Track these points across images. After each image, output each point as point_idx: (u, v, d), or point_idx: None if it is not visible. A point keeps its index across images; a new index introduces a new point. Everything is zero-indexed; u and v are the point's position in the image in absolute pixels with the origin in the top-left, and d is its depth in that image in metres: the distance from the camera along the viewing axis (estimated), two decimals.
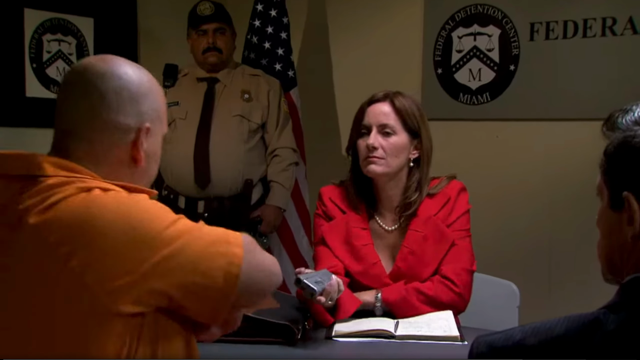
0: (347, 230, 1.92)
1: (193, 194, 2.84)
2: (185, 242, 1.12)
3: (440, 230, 1.89)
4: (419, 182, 1.90)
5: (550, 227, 2.96)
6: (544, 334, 0.97)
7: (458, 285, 1.84)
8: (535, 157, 2.99)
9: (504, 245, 3.03)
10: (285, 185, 2.96)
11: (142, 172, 1.23)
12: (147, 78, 1.23)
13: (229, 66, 2.98)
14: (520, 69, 2.98)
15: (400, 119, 1.87)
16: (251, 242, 1.21)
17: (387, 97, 1.88)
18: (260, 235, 2.94)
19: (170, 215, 1.15)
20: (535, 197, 2.99)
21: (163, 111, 1.26)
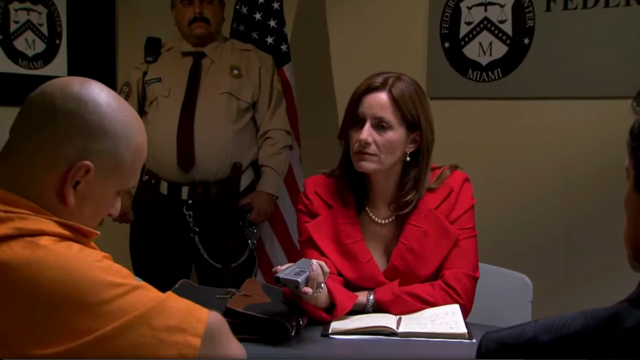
0: (335, 227, 1.91)
1: (176, 179, 2.84)
2: (135, 320, 1.09)
3: (442, 225, 1.88)
4: (417, 179, 1.89)
5: (567, 214, 2.96)
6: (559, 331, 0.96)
7: (461, 296, 1.83)
8: (552, 140, 2.98)
9: (516, 235, 3.04)
10: (278, 170, 2.96)
11: (72, 217, 1.18)
12: (123, 121, 1.19)
13: (217, 39, 2.97)
14: (535, 43, 2.96)
15: (399, 112, 1.84)
16: (217, 328, 1.18)
17: (385, 86, 1.85)
18: (250, 224, 2.95)
19: (126, 282, 1.12)
20: (551, 183, 2.99)
21: (129, 164, 1.21)
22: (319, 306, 1.76)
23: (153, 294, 1.15)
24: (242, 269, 2.95)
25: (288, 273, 1.63)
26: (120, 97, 1.24)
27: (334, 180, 1.96)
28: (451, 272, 1.86)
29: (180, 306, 1.16)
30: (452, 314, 1.75)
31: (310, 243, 1.92)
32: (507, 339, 0.99)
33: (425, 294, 1.83)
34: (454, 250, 1.88)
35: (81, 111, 1.17)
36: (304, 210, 1.98)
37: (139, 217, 2.95)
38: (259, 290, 1.85)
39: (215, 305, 1.70)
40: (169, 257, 2.90)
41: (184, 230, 2.86)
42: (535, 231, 3.01)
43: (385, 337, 1.67)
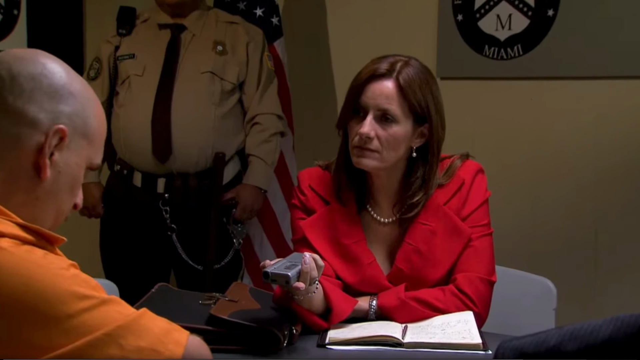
0: (332, 226, 1.92)
1: (151, 169, 2.84)
2: (103, 338, 1.10)
3: (453, 222, 1.89)
4: (425, 179, 1.89)
5: (597, 210, 2.97)
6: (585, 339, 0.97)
7: (476, 302, 1.83)
8: (579, 125, 2.99)
9: (537, 233, 3.05)
10: (267, 161, 2.96)
11: (47, 195, 1.20)
12: (82, 85, 1.25)
13: (199, 8, 2.96)
14: (560, 15, 2.97)
15: (406, 103, 1.83)
16: (197, 353, 1.19)
17: (391, 73, 1.84)
18: (235, 222, 2.95)
19: (94, 294, 1.12)
20: (578, 174, 3.00)
21: (96, 131, 1.25)
22: (314, 310, 1.77)
23: (125, 309, 1.16)
24: (227, 271, 2.95)
25: (277, 267, 1.64)
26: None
27: (331, 174, 1.97)
28: (464, 275, 1.86)
29: (155, 325, 1.17)
30: (465, 322, 1.76)
31: (304, 243, 1.93)
32: (527, 347, 1.00)
33: (434, 300, 1.84)
34: (466, 251, 1.89)
35: (44, 72, 1.20)
36: (299, 205, 1.98)
37: (109, 212, 2.95)
38: (247, 295, 1.85)
39: (197, 312, 1.72)
40: (144, 258, 2.91)
41: (161, 228, 2.87)
42: (560, 229, 3.02)
43: (390, 348, 1.67)
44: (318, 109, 3.48)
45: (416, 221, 1.90)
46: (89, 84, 3.09)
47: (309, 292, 1.72)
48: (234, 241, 2.96)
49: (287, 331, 1.69)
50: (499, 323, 1.90)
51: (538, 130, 3.06)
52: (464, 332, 1.71)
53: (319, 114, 3.45)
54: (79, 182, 1.26)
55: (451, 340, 1.68)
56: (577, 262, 2.99)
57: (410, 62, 1.87)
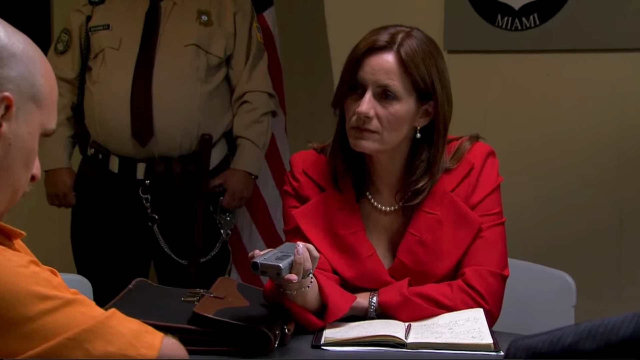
0: (328, 215, 1.93)
1: (130, 153, 2.84)
2: (67, 343, 1.10)
3: (461, 211, 1.89)
4: (430, 162, 1.89)
5: (621, 198, 2.97)
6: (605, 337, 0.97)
7: (486, 299, 1.84)
8: (602, 103, 2.99)
9: (555, 223, 3.05)
10: (258, 143, 2.96)
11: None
12: (24, 43, 1.22)
13: None
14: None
15: (408, 78, 1.83)
16: (173, 357, 1.19)
17: (392, 45, 1.83)
18: (222, 211, 2.96)
19: (57, 294, 1.12)
20: (601, 158, 3.00)
21: (47, 92, 1.23)
22: (308, 307, 1.77)
23: (91, 310, 1.16)
24: (213, 265, 2.95)
25: (268, 258, 1.64)
26: None
27: (327, 158, 1.97)
28: (473, 269, 1.87)
29: (125, 328, 1.17)
30: (475, 320, 1.76)
31: (297, 233, 1.93)
32: (540, 346, 1.00)
33: (440, 296, 1.84)
34: (476, 242, 1.89)
35: None
36: (291, 192, 1.99)
37: (82, 201, 2.95)
38: (234, 291, 1.86)
39: (179, 310, 1.72)
40: (121, 251, 2.91)
41: (140, 218, 2.87)
42: (580, 218, 3.03)
43: (392, 349, 1.67)
44: (312, 87, 3.47)
45: (420, 209, 1.90)
46: (57, 59, 3.08)
47: (303, 287, 1.73)
48: (221, 232, 2.97)
49: (279, 331, 1.69)
50: (512, 322, 1.90)
51: (556, 108, 3.07)
52: (473, 332, 1.71)
53: (314, 91, 3.45)
54: (33, 153, 1.24)
55: (459, 341, 1.69)
56: (599, 254, 3.00)
57: (412, 33, 1.87)
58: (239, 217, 3.15)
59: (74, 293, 1.17)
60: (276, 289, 1.76)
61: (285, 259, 1.64)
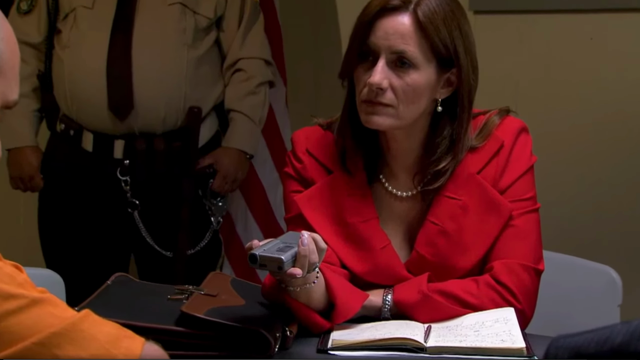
0: (336, 201, 1.93)
1: (106, 129, 2.84)
2: (33, 348, 1.11)
3: (488, 196, 1.89)
4: (453, 139, 1.89)
5: None
6: None
7: (518, 297, 1.84)
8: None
9: (599, 211, 3.05)
10: (254, 118, 2.97)
11: None
12: None
13: None
14: None
15: (427, 43, 1.83)
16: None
17: (407, 4, 1.83)
18: (213, 195, 2.96)
19: (22, 293, 1.13)
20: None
21: (7, 59, 1.24)
22: (313, 306, 1.77)
23: (61, 311, 1.16)
24: (203, 258, 2.97)
25: (268, 249, 1.64)
26: None
27: (334, 135, 1.97)
28: (503, 263, 1.86)
29: (100, 331, 1.17)
30: (505, 321, 1.76)
31: (300, 222, 1.93)
32: (586, 346, 1.00)
33: (465, 294, 1.85)
34: (506, 232, 1.89)
35: None
36: (293, 175, 1.99)
37: (51, 184, 2.95)
38: (228, 288, 1.86)
39: (164, 309, 1.72)
40: (96, 242, 2.92)
41: (119, 203, 2.88)
42: (628, 207, 3.02)
43: (409, 354, 1.67)
44: (317, 53, 3.47)
45: (442, 194, 1.90)
46: (20, 19, 3.07)
47: (308, 283, 1.73)
48: (211, 220, 2.97)
49: (280, 333, 1.70)
50: (547, 323, 1.91)
51: (600, 78, 3.06)
52: (502, 334, 1.71)
53: (318, 59, 3.44)
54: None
55: (487, 344, 1.69)
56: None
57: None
58: (232, 203, 3.16)
59: (41, 291, 1.18)
60: (277, 285, 1.76)
61: (287, 250, 1.64)
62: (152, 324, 1.61)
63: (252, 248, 1.65)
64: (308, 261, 1.67)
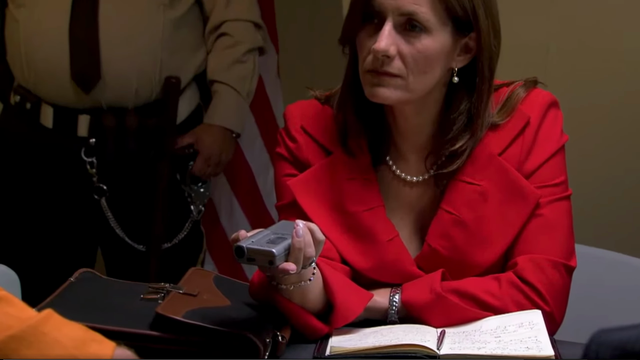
0: (336, 186, 1.94)
1: (69, 102, 2.85)
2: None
3: (512, 180, 1.90)
4: (472, 114, 1.90)
5: None
6: None
7: (546, 298, 1.85)
8: None
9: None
10: (240, 90, 2.98)
11: None
12: None
13: None
14: None
15: (441, 2, 1.82)
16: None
17: None
18: (193, 180, 2.98)
19: None
20: None
21: None
22: (310, 307, 1.79)
23: (20, 311, 1.18)
24: (181, 252, 2.99)
25: (257, 241, 1.64)
26: None
27: (334, 110, 1.99)
28: (528, 258, 1.87)
29: (65, 335, 1.19)
30: (531, 326, 1.77)
31: (295, 210, 1.94)
32: (632, 342, 1.00)
33: (485, 294, 1.86)
34: (532, 222, 1.90)
35: None
36: (286, 156, 2.00)
37: (3, 167, 2.96)
38: (210, 286, 1.87)
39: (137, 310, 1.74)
40: (57, 234, 2.93)
41: (83, 189, 2.89)
42: None
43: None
44: (313, 15, 3.47)
45: (458, 179, 1.92)
46: None
47: (303, 280, 1.74)
48: (191, 209, 2.99)
49: (270, 338, 1.70)
50: (580, 328, 1.88)
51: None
52: (528, 341, 1.72)
53: (316, 21, 3.44)
54: None
55: (510, 352, 1.69)
56: None
57: None
58: (215, 189, 3.18)
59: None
60: (267, 282, 1.77)
61: (279, 242, 1.65)
62: (123, 327, 1.62)
63: (238, 240, 1.66)
64: (303, 255, 1.68)
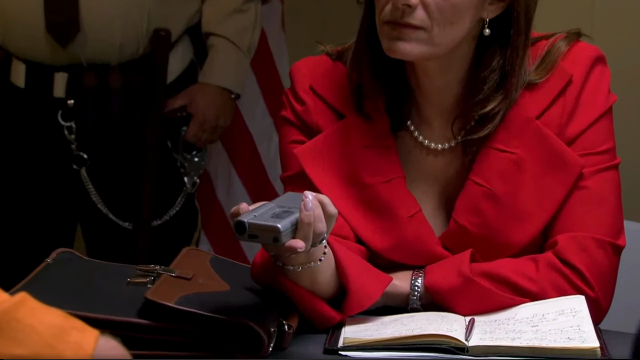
0: (350, 155, 1.95)
1: (43, 57, 2.86)
2: None
3: (552, 147, 1.90)
4: (506, 72, 1.90)
5: None
6: None
7: (591, 283, 1.85)
8: None
9: None
10: (240, 44, 2.99)
11: None
12: None
13: None
14: None
15: None
16: None
17: None
18: (187, 148, 2.98)
19: None
20: None
21: None
22: (320, 293, 1.78)
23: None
24: (173, 230, 3.00)
25: (260, 215, 1.63)
26: None
27: (347, 68, 1.98)
28: (570, 236, 1.88)
29: (41, 322, 1.18)
30: (573, 313, 1.77)
31: (302, 182, 1.94)
32: None
33: (520, 277, 1.85)
34: (575, 195, 1.90)
35: None
36: (293, 120, 2.00)
37: None
38: (206, 269, 1.87)
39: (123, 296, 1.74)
40: (31, 209, 2.94)
41: (60, 158, 2.90)
42: None
43: (445, 355, 1.69)
44: None
45: (490, 146, 1.91)
46: None
47: (312, 260, 1.73)
48: (184, 181, 2.99)
49: (275, 327, 1.70)
50: (628, 316, 1.90)
51: None
52: (569, 330, 1.72)
53: None
54: None
55: (548, 344, 1.69)
56: None
57: None
58: (211, 158, 3.19)
59: None
60: (271, 264, 1.77)
61: (286, 216, 1.64)
62: (107, 315, 1.62)
63: (239, 214, 1.64)
64: (313, 231, 1.66)
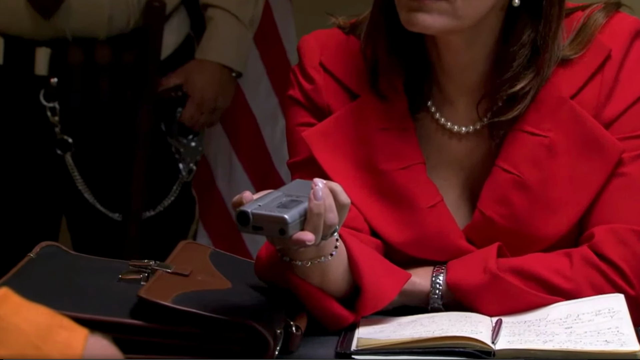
0: (364, 138, 1.96)
1: (24, 30, 2.88)
2: None
3: (588, 130, 1.90)
4: (537, 48, 1.90)
5: None
6: None
7: (631, 281, 1.86)
8: None
9: None
10: (242, 17, 3.00)
11: None
12: None
13: None
14: None
15: None
16: None
17: None
18: (182, 131, 3.00)
19: None
20: None
21: None
22: (331, 291, 1.79)
23: None
24: (168, 222, 3.02)
25: (265, 205, 1.63)
26: None
27: (361, 43, 1.99)
28: (608, 229, 1.88)
29: (26, 320, 1.19)
30: (611, 314, 1.77)
31: (312, 168, 1.95)
32: None
33: (552, 274, 1.86)
34: (613, 183, 1.91)
35: None
36: (301, 100, 2.01)
37: None
38: (206, 264, 1.88)
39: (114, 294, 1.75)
40: (12, 198, 2.96)
41: (43, 142, 2.91)
42: None
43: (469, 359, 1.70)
44: None
45: (519, 128, 1.92)
46: None
47: (323, 255, 1.74)
48: (180, 168, 2.99)
49: (281, 329, 1.71)
50: None
51: None
52: (607, 333, 1.72)
53: None
54: None
55: (584, 347, 1.69)
56: None
57: None
58: (210, 143, 3.19)
59: None
60: (278, 259, 1.77)
61: (293, 206, 1.64)
62: (96, 315, 1.63)
63: (241, 203, 1.64)
64: (323, 222, 1.66)
